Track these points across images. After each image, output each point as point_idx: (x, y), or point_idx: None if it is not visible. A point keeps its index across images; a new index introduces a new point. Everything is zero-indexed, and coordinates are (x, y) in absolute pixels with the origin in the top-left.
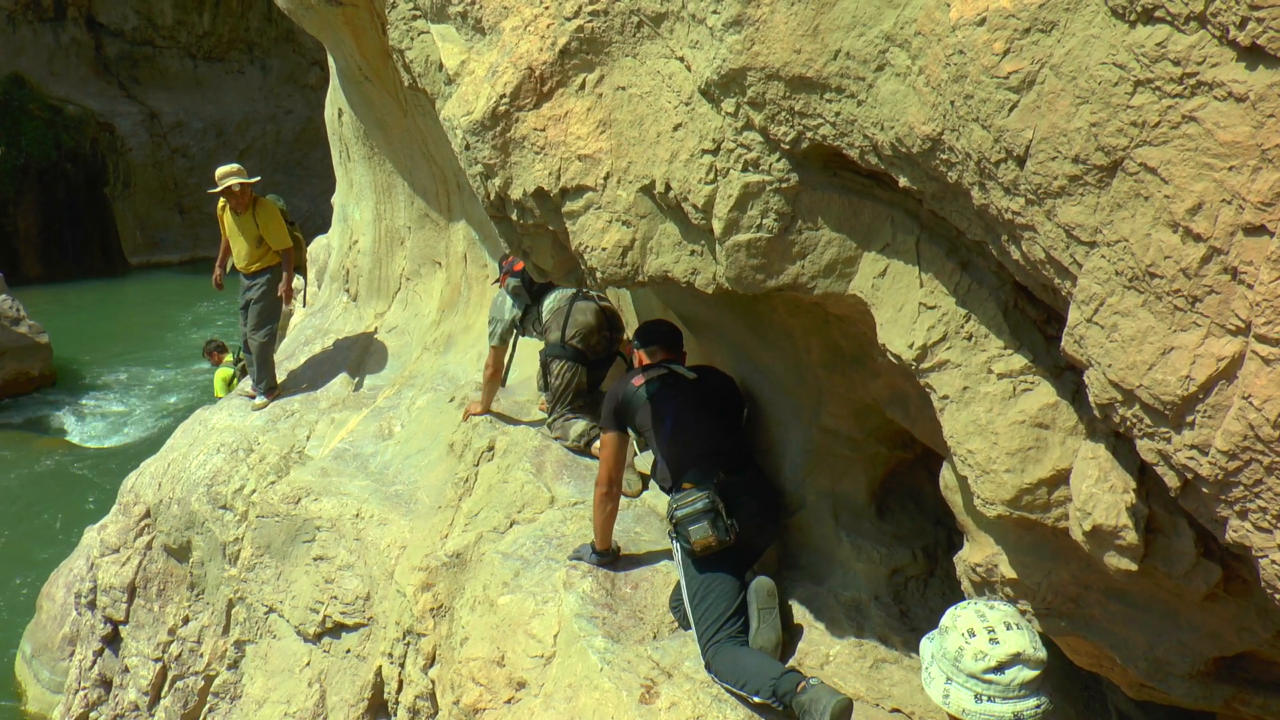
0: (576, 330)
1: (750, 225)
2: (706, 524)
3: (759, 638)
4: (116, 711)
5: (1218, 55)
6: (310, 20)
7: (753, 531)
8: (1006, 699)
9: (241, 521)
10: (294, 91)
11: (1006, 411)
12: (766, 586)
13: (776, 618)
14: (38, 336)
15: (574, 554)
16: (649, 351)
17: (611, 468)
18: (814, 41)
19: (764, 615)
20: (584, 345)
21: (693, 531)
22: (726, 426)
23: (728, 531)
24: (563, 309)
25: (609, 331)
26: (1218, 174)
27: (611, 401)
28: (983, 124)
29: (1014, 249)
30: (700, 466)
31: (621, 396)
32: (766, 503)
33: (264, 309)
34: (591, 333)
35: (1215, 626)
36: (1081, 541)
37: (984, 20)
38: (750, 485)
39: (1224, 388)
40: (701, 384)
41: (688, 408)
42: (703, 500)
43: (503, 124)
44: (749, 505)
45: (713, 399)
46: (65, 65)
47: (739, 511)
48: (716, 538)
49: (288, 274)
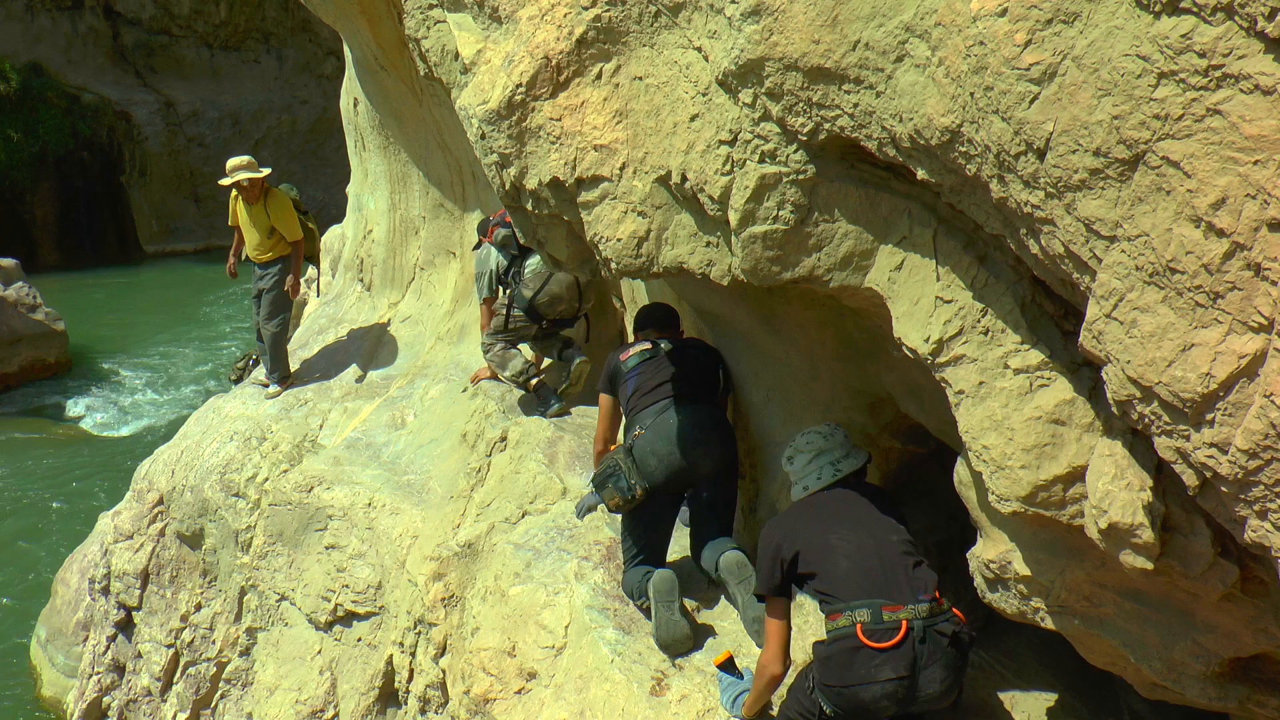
0: (548, 297)
1: (766, 217)
2: (610, 487)
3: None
4: (129, 696)
5: (1245, 47)
6: (327, 9)
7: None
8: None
9: (254, 509)
10: (310, 81)
11: (1023, 407)
12: (737, 559)
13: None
14: (54, 324)
15: (580, 504)
16: (644, 335)
17: (606, 427)
18: (833, 32)
19: (744, 588)
20: (546, 311)
21: (603, 494)
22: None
23: (630, 490)
24: (544, 274)
25: (577, 303)
26: (1242, 168)
27: (607, 369)
28: (1003, 116)
29: (1033, 243)
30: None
31: (613, 367)
32: (693, 430)
33: (276, 298)
34: (559, 302)
35: (1231, 627)
36: (1097, 539)
37: (1005, 11)
38: (683, 419)
39: (1245, 385)
40: (677, 353)
41: (653, 374)
42: (607, 466)
43: (518, 113)
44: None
45: (683, 364)
46: (82, 54)
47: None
48: (620, 497)
49: (296, 266)
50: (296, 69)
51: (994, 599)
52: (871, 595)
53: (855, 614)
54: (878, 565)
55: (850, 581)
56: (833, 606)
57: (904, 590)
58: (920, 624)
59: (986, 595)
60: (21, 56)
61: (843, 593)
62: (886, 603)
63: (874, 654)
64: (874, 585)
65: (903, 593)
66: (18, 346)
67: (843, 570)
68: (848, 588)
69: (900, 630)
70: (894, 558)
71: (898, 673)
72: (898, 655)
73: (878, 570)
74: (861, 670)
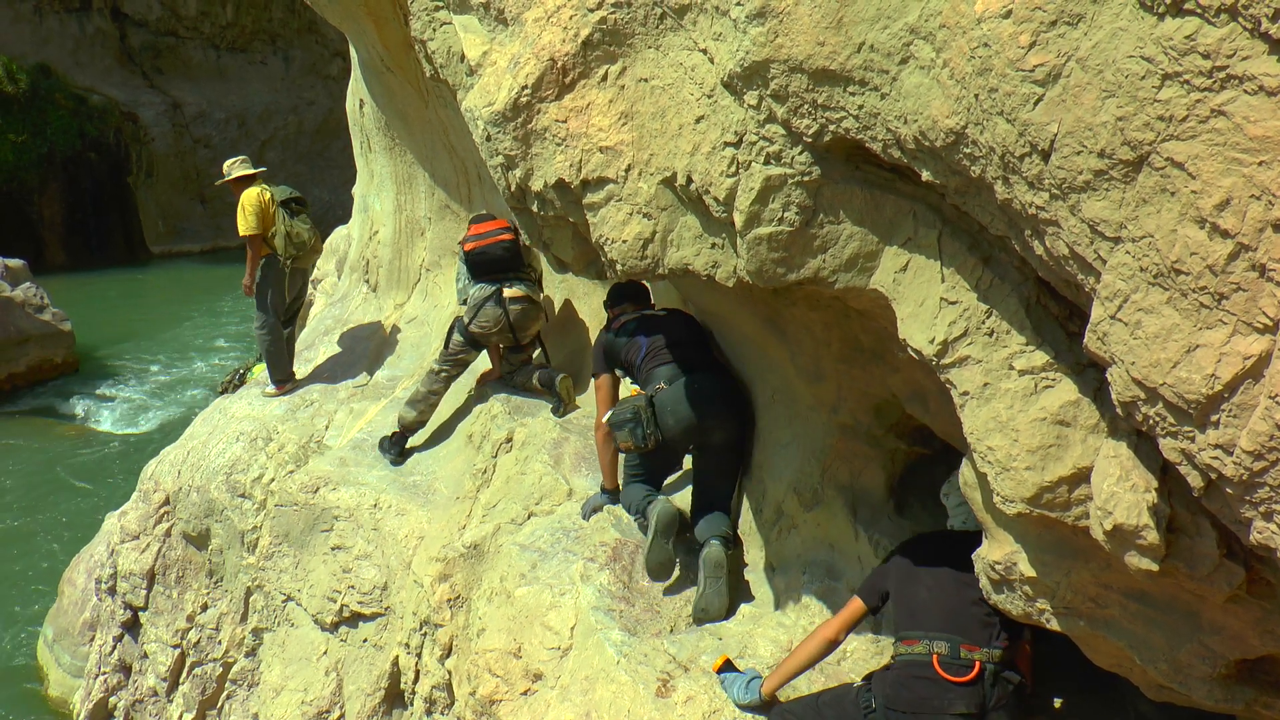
0: (479, 327)
1: (772, 218)
2: (627, 431)
3: (702, 601)
4: (136, 697)
5: (1249, 48)
6: (333, 10)
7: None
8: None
9: (260, 510)
10: (316, 82)
11: (1027, 408)
12: (716, 557)
13: (724, 585)
14: (61, 324)
15: (586, 505)
16: (620, 309)
17: (606, 409)
18: (838, 34)
19: (710, 582)
20: (480, 337)
21: (618, 436)
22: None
23: (645, 439)
24: (479, 301)
25: (512, 334)
26: (1247, 169)
27: (599, 349)
28: (1007, 118)
29: (1037, 244)
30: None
31: (606, 343)
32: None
33: (256, 301)
34: (491, 334)
35: (1237, 629)
36: (1102, 541)
37: (1010, 12)
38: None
39: (1250, 387)
40: (668, 318)
41: (660, 334)
42: (629, 410)
43: (524, 115)
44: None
45: (679, 328)
46: (90, 55)
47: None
48: (634, 443)
49: (248, 263)
50: (303, 70)
51: (1000, 600)
52: (949, 630)
53: (934, 644)
54: (956, 604)
55: (929, 612)
56: (910, 633)
57: (980, 632)
58: (993, 667)
59: (992, 596)
60: (30, 58)
61: (921, 621)
62: (965, 641)
63: (948, 686)
64: (950, 622)
65: (979, 635)
66: (25, 346)
67: (921, 599)
68: (927, 618)
69: (974, 669)
70: (972, 602)
71: (969, 709)
72: (970, 692)
73: (955, 608)
74: (936, 701)
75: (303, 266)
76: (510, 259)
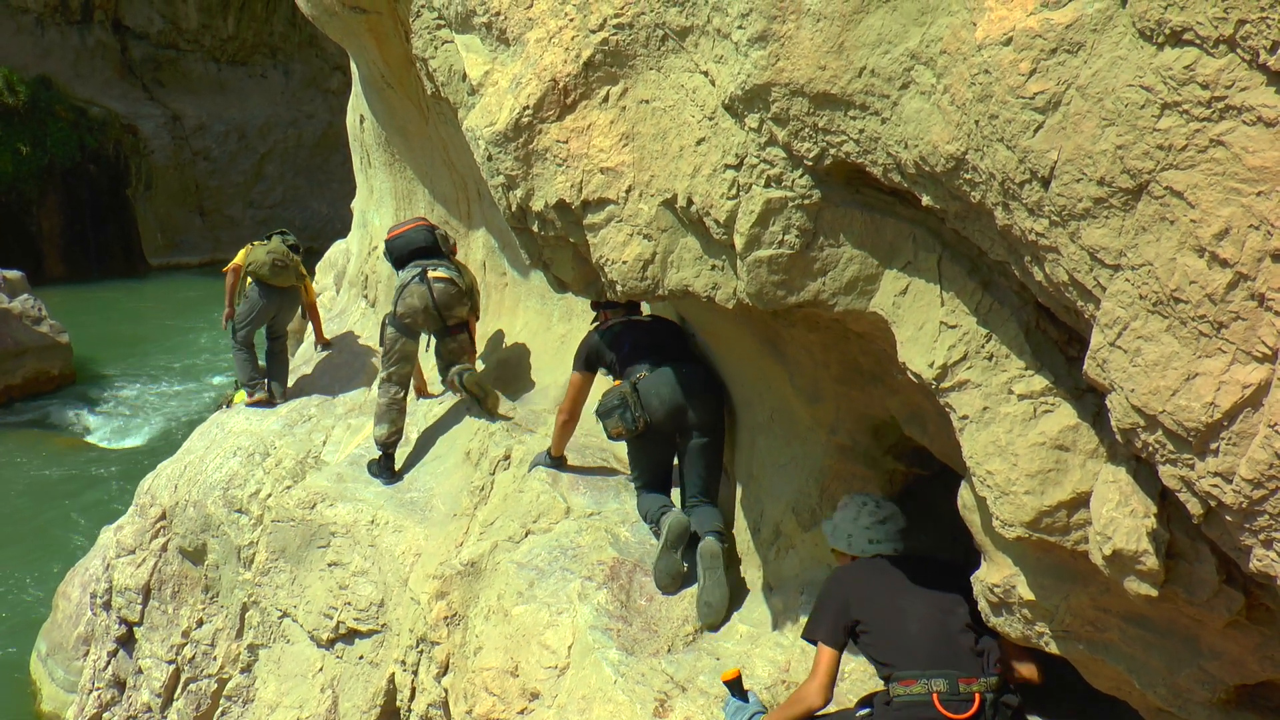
0: (406, 309)
1: (772, 241)
2: (616, 417)
3: (705, 595)
4: (130, 712)
5: (1247, 79)
6: (334, 26)
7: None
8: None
9: (256, 525)
10: (316, 96)
11: (1027, 433)
12: (711, 549)
13: (721, 576)
14: (58, 336)
15: (534, 460)
16: (610, 312)
17: (574, 401)
18: (839, 58)
19: (708, 574)
20: (410, 323)
21: (607, 424)
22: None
23: (634, 422)
24: (404, 283)
25: (438, 313)
26: (1245, 199)
27: (584, 349)
28: (1007, 144)
29: (1037, 270)
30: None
31: (592, 344)
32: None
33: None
34: (418, 314)
35: (1237, 654)
36: (1101, 565)
37: (1010, 40)
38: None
39: (1249, 415)
40: (653, 323)
41: (644, 335)
42: (616, 397)
43: (525, 135)
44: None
45: (663, 331)
46: (91, 67)
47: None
48: (624, 427)
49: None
50: (303, 84)
51: (999, 623)
52: (943, 665)
53: (932, 683)
54: (945, 636)
55: (922, 649)
56: (905, 672)
57: (973, 663)
58: (991, 696)
59: (991, 619)
60: (31, 70)
61: (916, 660)
62: (962, 674)
63: None
64: (943, 657)
65: (973, 665)
66: (22, 358)
67: (913, 635)
68: (921, 655)
69: (974, 703)
70: (959, 631)
71: None
72: None
73: (945, 641)
74: None
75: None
76: (431, 245)
